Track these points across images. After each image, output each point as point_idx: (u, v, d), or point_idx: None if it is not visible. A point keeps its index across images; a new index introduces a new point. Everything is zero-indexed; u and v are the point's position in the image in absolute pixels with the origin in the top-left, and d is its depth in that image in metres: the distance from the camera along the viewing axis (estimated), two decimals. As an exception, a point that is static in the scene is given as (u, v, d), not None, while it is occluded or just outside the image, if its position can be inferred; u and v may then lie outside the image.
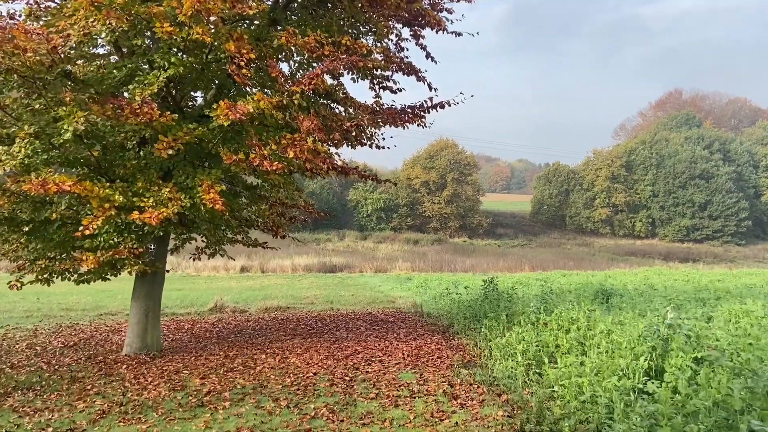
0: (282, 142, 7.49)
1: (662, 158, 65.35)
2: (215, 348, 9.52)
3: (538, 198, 68.90)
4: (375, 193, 58.99)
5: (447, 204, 59.59)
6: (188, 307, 16.44)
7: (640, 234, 65.07)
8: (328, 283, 25.53)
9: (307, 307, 16.17)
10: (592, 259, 45.64)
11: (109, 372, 7.99)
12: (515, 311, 11.68)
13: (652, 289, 18.25)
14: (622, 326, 8.41)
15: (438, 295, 18.02)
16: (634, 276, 31.23)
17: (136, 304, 9.11)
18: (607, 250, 55.96)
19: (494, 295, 13.84)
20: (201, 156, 8.65)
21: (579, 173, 67.50)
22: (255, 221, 10.21)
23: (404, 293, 20.49)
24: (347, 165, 8.87)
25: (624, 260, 47.20)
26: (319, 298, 18.71)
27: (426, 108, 9.33)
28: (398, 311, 15.15)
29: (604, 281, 27.08)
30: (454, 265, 36.69)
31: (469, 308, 13.23)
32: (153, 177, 8.11)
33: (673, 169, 63.96)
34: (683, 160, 63.80)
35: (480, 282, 25.39)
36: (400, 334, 10.69)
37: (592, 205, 65.57)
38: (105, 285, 22.90)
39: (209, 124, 8.07)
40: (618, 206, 65.05)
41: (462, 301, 14.93)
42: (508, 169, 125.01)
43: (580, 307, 10.48)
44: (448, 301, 15.66)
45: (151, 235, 8.64)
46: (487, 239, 59.13)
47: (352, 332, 11.00)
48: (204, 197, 7.41)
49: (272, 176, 8.15)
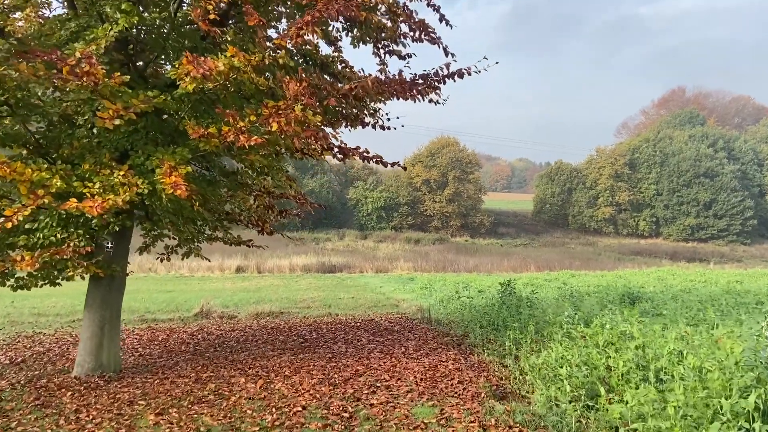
0: (263, 112, 5.77)
1: (666, 156, 63.61)
2: (187, 367, 7.77)
3: (540, 197, 67.09)
4: (375, 191, 57.25)
5: (448, 203, 57.80)
6: (172, 311, 14.74)
7: (644, 233, 63.31)
8: (327, 284, 23.80)
9: (302, 312, 14.45)
10: (598, 259, 43.91)
11: (48, 402, 6.26)
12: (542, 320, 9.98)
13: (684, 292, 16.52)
14: (689, 344, 6.70)
15: (446, 299, 16.28)
16: (646, 276, 29.55)
17: (90, 315, 7.36)
18: (611, 249, 54.22)
19: (512, 299, 12.14)
20: (166, 133, 6.92)
21: (582, 171, 65.72)
22: (238, 215, 8.48)
23: (408, 295, 18.77)
24: (346, 145, 7.14)
25: (630, 260, 45.47)
26: (316, 301, 16.99)
27: (442, 77, 7.58)
28: (403, 317, 13.42)
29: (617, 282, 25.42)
30: (457, 265, 34.96)
31: (484, 315, 11.51)
32: (104, 158, 6.39)
33: (677, 167, 62.23)
34: (687, 158, 62.06)
35: (489, 283, 23.66)
36: (408, 348, 8.94)
37: (595, 203, 63.80)
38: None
39: (174, 92, 6.37)
40: (621, 205, 63.28)
41: (474, 306, 13.21)
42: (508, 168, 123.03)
43: (626, 317, 8.76)
44: (459, 306, 13.94)
45: (104, 230, 6.92)
46: (489, 238, 57.36)
47: (352, 345, 9.25)
48: (164, 181, 5.70)
49: (253, 157, 6.42)
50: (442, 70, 7.54)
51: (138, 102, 5.87)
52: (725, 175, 60.72)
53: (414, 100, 7.74)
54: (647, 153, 64.58)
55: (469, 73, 7.61)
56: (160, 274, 28.24)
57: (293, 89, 5.69)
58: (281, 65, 6.01)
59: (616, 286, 19.03)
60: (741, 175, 62.52)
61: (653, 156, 64.22)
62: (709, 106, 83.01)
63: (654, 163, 63.93)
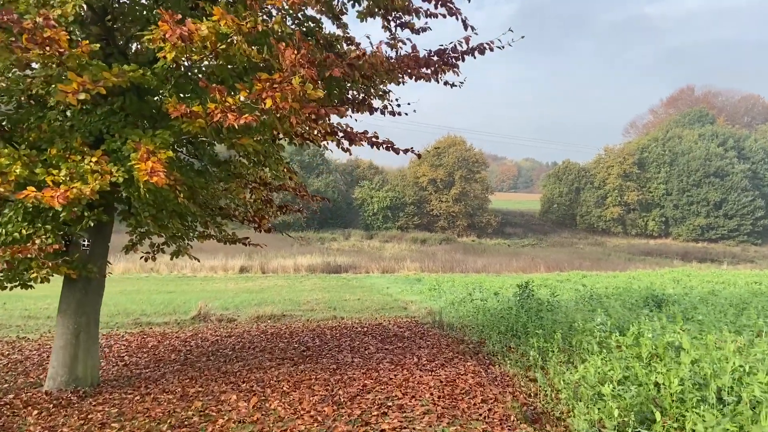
0: (256, 86, 4.87)
1: (675, 156, 62.40)
2: (174, 380, 6.87)
3: (547, 197, 65.98)
4: (381, 191, 56.34)
5: (455, 202, 56.80)
6: (169, 314, 13.87)
7: (653, 233, 62.12)
8: (332, 284, 22.91)
9: (306, 315, 13.55)
10: (608, 259, 42.82)
11: (8, 424, 5.38)
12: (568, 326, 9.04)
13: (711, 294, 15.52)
14: (748, 356, 5.75)
15: (457, 301, 15.35)
16: (660, 277, 28.53)
17: (63, 322, 6.47)
18: (620, 249, 53.09)
19: (531, 303, 11.21)
20: (148, 116, 6.03)
21: (590, 171, 64.58)
22: (232, 210, 7.58)
23: (416, 297, 17.83)
24: (351, 129, 6.22)
25: (641, 260, 44.36)
26: (320, 303, 16.09)
27: (460, 53, 6.65)
28: (413, 321, 12.50)
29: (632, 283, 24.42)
30: (465, 266, 34.00)
31: (502, 320, 10.58)
32: (75, 142, 5.50)
33: (686, 166, 61.01)
34: (697, 157, 60.83)
35: (500, 285, 22.68)
36: (421, 358, 8.00)
37: (603, 203, 62.66)
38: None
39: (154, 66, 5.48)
40: (630, 205, 62.10)
41: (489, 310, 12.28)
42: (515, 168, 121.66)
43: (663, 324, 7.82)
44: (472, 309, 13.01)
45: (77, 225, 6.03)
46: (497, 239, 56.34)
47: (359, 354, 8.32)
48: (139, 167, 4.80)
49: (246, 141, 5.50)
50: (460, 44, 6.60)
51: (110, 75, 4.98)
52: (735, 174, 59.45)
53: (429, 80, 6.83)
54: (656, 152, 63.38)
55: (491, 48, 6.68)
56: (162, 274, 27.44)
57: (290, 58, 4.78)
58: (276, 33, 5.10)
59: (635, 287, 18.04)
60: (752, 175, 61.22)
61: (662, 155, 63.01)
62: (719, 105, 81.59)
63: (663, 162, 62.74)
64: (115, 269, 27.07)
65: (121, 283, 22.88)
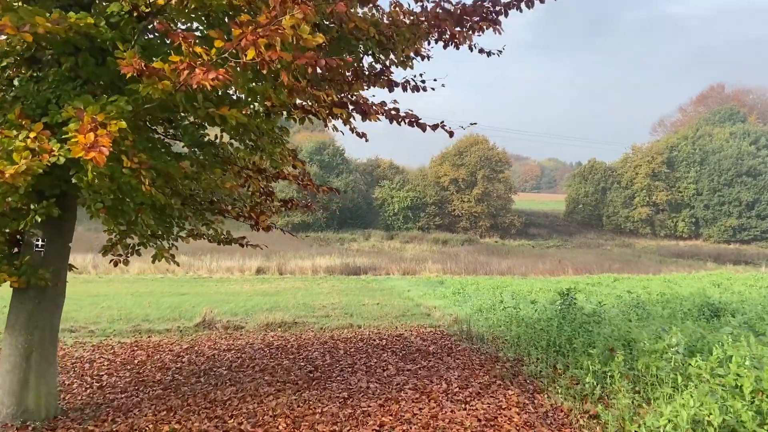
0: (234, 33, 3.53)
1: (706, 154, 59.80)
2: (149, 411, 5.54)
3: (573, 197, 63.76)
4: (402, 191, 54.86)
5: (477, 202, 55.05)
6: (174, 320, 12.67)
7: (683, 234, 59.58)
8: (351, 287, 21.57)
9: (319, 323, 12.22)
10: (638, 261, 40.75)
11: None
12: (621, 341, 7.55)
13: None
14: None
15: (486, 308, 13.88)
16: (698, 281, 26.66)
17: (11, 340, 5.18)
18: (650, 251, 50.82)
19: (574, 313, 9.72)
20: (108, 83, 4.72)
21: (617, 170, 62.23)
22: (225, 204, 6.24)
23: (439, 302, 16.39)
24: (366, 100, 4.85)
25: (672, 262, 42.15)
26: (336, 308, 14.75)
27: (503, 5, 5.23)
28: (438, 331, 11.08)
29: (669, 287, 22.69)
30: (489, 267, 32.35)
31: (541, 333, 9.11)
32: (13, 114, 4.22)
33: (718, 165, 58.39)
34: (729, 156, 58.18)
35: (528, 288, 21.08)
36: (451, 383, 6.57)
37: (631, 203, 60.29)
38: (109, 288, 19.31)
39: (107, 10, 4.19)
40: (659, 205, 59.64)
41: (523, 319, 10.81)
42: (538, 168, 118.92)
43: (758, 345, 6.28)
44: (504, 318, 11.55)
45: (21, 221, 4.75)
46: (520, 239, 54.46)
47: (376, 377, 6.91)
48: (77, 140, 3.49)
49: (226, 113, 4.15)
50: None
51: (43, 21, 3.69)
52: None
53: (462, 43, 5.41)
54: (686, 151, 60.81)
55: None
56: (178, 275, 26.37)
57: (279, -11, 3.42)
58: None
59: (681, 293, 16.37)
60: (786, 174, 58.41)
61: (692, 154, 60.45)
62: (750, 103, 78.32)
63: (693, 161, 60.17)
64: (130, 270, 26.15)
65: (135, 284, 21.84)
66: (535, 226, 59.63)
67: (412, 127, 5.06)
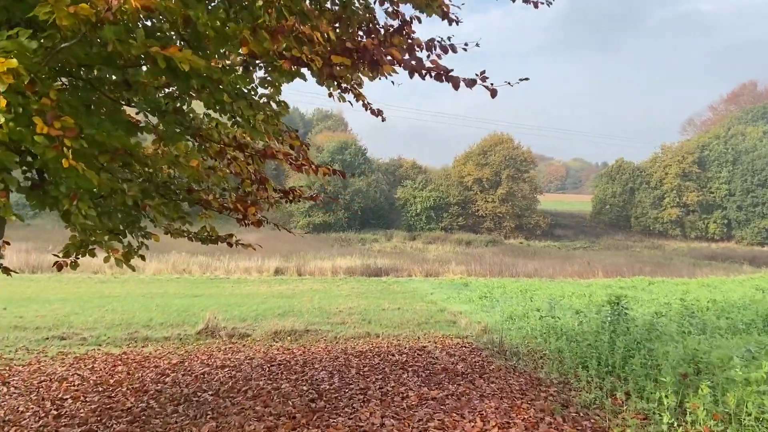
0: None
1: (739, 154, 57.02)
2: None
3: (600, 197, 61.44)
4: (424, 191, 53.32)
5: (502, 203, 53.25)
6: (176, 326, 11.52)
7: (714, 236, 56.87)
8: (371, 289, 20.24)
9: (334, 331, 10.91)
10: (670, 264, 38.56)
11: None
12: (687, 362, 6.07)
13: None
14: None
15: (517, 315, 12.42)
16: (739, 285, 24.74)
17: None
18: (681, 253, 48.41)
19: (625, 324, 8.20)
20: (26, 20, 3.45)
21: (645, 170, 59.75)
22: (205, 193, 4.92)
23: (465, 307, 14.95)
24: (377, 45, 3.49)
25: (706, 265, 39.83)
26: (354, 313, 13.43)
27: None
28: (465, 342, 9.67)
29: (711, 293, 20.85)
30: (515, 269, 30.67)
31: (589, 348, 7.64)
32: None
33: (751, 165, 55.59)
34: (762, 155, 55.35)
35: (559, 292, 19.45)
36: (487, 418, 5.15)
37: (660, 204, 57.79)
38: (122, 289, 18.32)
39: None
40: (690, 206, 57.04)
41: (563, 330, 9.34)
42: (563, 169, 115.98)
43: None
44: (540, 328, 10.09)
45: None
46: (546, 241, 52.48)
47: (392, 408, 5.51)
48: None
49: (176, 54, 2.83)
50: None
51: None
52: (806, 173, 53.82)
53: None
54: (718, 150, 58.07)
55: None
56: (194, 275, 25.35)
57: None
58: None
59: (733, 300, 14.66)
60: (823, 174, 55.35)
61: (724, 154, 57.70)
62: (784, 101, 74.73)
63: (725, 161, 57.43)
64: (147, 270, 25.25)
65: (150, 285, 20.83)
66: (560, 227, 57.56)
67: (440, 81, 3.66)
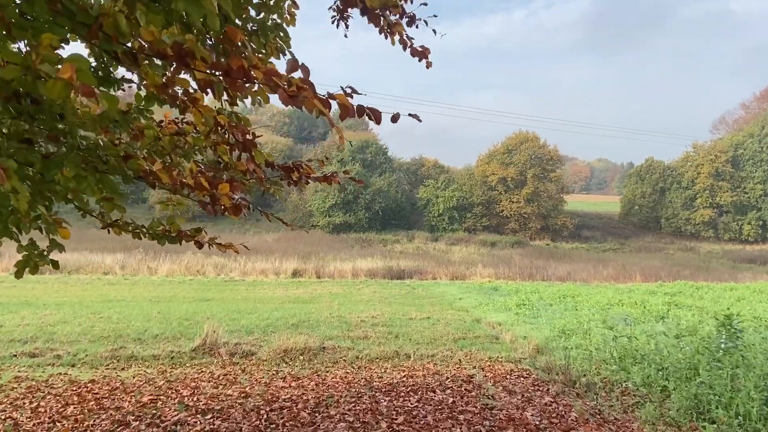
0: None
1: (775, 153, 53.79)
2: None
3: (628, 197, 58.52)
4: (447, 191, 51.09)
5: (527, 203, 50.79)
6: (171, 340, 9.75)
7: (749, 238, 53.63)
8: (394, 293, 18.26)
9: (355, 347, 8.98)
10: (709, 267, 35.82)
11: None
12: None
13: None
14: None
15: (570, 329, 10.33)
16: (798, 292, 22.09)
17: None
18: (715, 256, 45.46)
19: (729, 345, 6.10)
20: None
21: (676, 170, 56.72)
22: (159, 164, 3.01)
23: (502, 316, 12.87)
24: None
25: (747, 269, 37.05)
26: (378, 323, 11.47)
27: None
28: (520, 370, 7.61)
29: None
30: (546, 272, 28.34)
31: (689, 383, 5.54)
32: None
33: (788, 165, 52.37)
34: (800, 154, 52.10)
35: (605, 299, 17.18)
36: None
37: (692, 205, 54.74)
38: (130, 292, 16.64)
39: None
40: (723, 207, 53.89)
41: (642, 353, 7.25)
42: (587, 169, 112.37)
43: None
44: (611, 349, 8.00)
45: None
46: (573, 242, 49.88)
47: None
48: None
49: None
50: None
51: None
52: None
53: None
54: (752, 149, 54.82)
55: None
56: (209, 276, 23.59)
57: None
58: None
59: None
60: None
61: (759, 152, 54.43)
62: (820, 98, 70.86)
63: (761, 160, 54.16)
64: (159, 271, 23.67)
65: (160, 287, 19.10)
66: (587, 228, 54.87)
67: None
